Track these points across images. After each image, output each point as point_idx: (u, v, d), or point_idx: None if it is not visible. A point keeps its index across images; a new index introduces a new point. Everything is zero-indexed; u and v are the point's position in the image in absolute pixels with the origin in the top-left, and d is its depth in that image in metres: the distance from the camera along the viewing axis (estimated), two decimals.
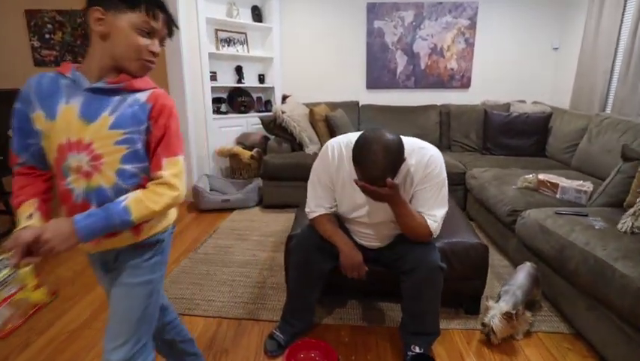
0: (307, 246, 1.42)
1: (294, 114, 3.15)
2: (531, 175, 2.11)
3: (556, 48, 3.46)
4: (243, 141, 3.52)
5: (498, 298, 1.53)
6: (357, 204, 1.35)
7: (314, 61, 3.74)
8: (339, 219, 1.46)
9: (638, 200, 1.51)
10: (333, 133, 3.15)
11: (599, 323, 1.38)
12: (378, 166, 1.10)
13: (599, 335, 1.39)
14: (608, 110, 2.82)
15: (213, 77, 3.41)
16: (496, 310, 1.44)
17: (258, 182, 3.20)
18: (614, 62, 2.76)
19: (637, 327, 1.20)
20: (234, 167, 3.44)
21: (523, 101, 3.39)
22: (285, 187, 3.01)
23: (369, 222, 1.37)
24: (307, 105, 3.41)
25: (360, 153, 1.13)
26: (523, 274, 1.62)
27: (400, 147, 1.13)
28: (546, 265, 1.71)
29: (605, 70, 2.78)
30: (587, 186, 1.95)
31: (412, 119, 3.42)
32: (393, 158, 1.12)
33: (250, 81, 3.72)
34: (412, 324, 1.40)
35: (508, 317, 1.42)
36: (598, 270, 1.35)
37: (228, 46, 3.55)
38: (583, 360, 1.43)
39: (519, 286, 1.54)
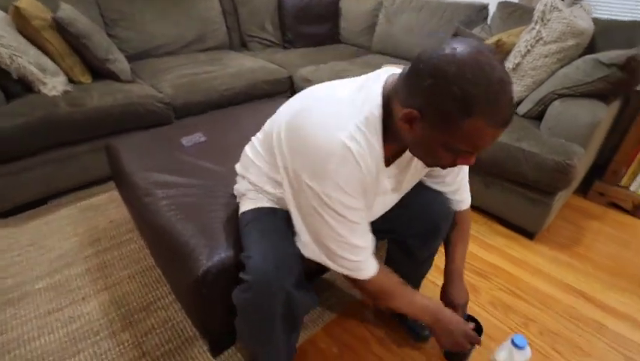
0: (283, 283, 0.77)
1: None
2: None
3: None
4: None
5: None
6: (386, 189, 0.82)
7: None
8: None
9: None
10: (79, 49, 1.81)
11: (503, 195, 1.59)
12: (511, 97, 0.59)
13: (503, 205, 1.62)
14: None
15: None
16: None
17: None
18: None
19: (548, 192, 1.44)
20: None
21: None
22: (31, 170, 1.64)
23: (393, 202, 0.90)
24: None
25: (488, 94, 0.55)
26: None
27: None
28: None
29: None
30: None
31: (186, 11, 2.42)
32: None
33: None
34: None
35: None
36: (506, 155, 1.46)
37: None
38: (490, 228, 1.68)
39: None
